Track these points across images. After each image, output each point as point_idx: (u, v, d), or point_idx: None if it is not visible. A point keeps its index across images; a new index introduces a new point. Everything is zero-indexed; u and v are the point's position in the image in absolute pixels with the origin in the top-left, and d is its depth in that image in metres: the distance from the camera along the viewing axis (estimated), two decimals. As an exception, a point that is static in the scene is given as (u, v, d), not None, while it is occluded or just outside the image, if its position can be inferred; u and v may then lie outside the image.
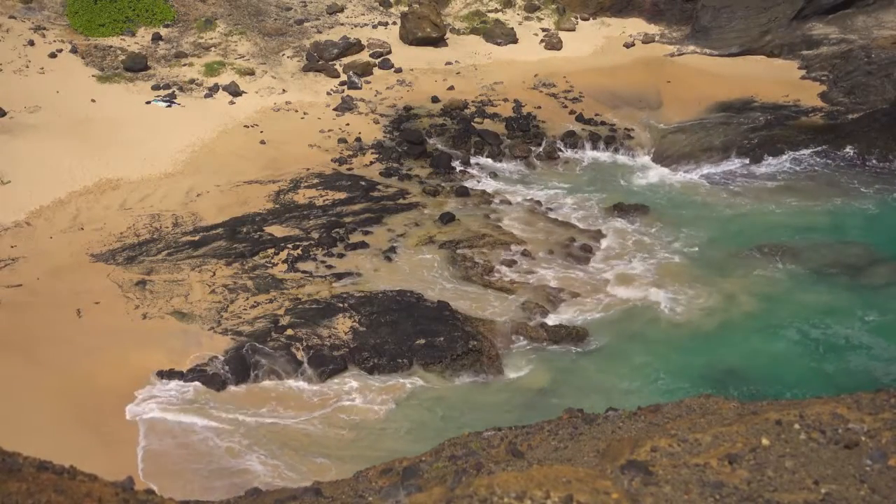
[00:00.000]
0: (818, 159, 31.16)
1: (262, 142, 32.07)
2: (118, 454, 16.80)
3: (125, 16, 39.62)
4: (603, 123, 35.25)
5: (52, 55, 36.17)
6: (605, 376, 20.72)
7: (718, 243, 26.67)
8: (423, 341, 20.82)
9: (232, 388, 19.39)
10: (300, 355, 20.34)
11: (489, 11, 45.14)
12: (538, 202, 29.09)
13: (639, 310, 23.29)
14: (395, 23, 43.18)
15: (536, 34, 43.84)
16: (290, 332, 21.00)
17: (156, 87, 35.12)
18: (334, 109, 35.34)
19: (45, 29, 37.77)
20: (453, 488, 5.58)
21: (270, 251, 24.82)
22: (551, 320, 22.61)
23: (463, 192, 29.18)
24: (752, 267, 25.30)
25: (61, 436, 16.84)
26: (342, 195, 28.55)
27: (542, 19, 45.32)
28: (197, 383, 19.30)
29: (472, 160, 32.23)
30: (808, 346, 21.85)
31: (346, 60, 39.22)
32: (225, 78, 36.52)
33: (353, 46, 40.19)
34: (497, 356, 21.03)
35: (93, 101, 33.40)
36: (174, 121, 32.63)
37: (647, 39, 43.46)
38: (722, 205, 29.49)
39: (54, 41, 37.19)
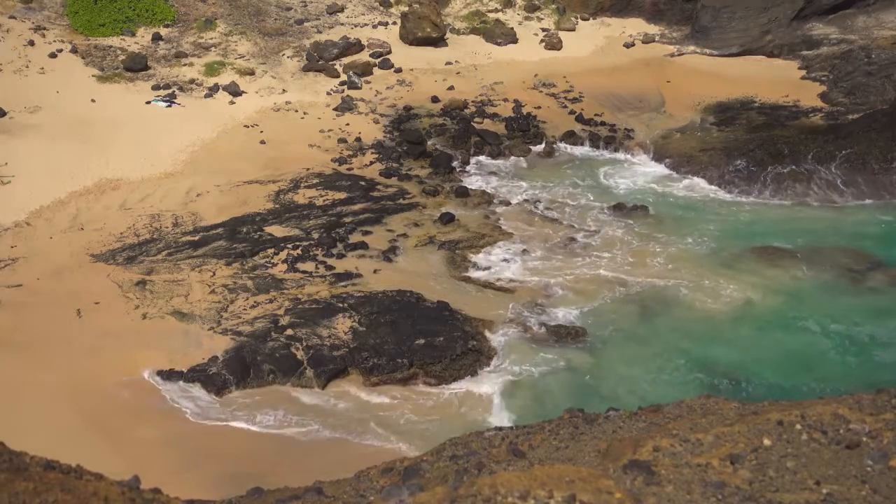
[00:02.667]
0: (818, 160, 31.09)
1: (262, 142, 32.09)
2: (122, 453, 16.80)
3: (125, 16, 39.63)
4: (603, 124, 35.27)
5: (52, 55, 36.17)
6: (606, 375, 20.71)
7: (717, 244, 26.67)
8: (422, 341, 20.81)
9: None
10: (300, 355, 20.33)
11: (489, 11, 45.19)
12: (538, 202, 29.10)
13: (638, 309, 23.28)
14: (395, 23, 43.21)
15: (536, 34, 43.89)
16: (289, 332, 20.99)
17: (156, 87, 35.13)
18: (334, 109, 35.36)
19: (45, 29, 37.77)
20: (456, 487, 5.60)
21: (270, 251, 24.83)
22: (551, 320, 22.62)
23: (463, 192, 29.19)
24: (752, 268, 25.30)
25: (64, 435, 16.85)
26: (342, 195, 28.57)
27: (542, 19, 45.37)
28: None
29: (472, 160, 32.29)
30: (808, 346, 21.84)
31: (346, 60, 39.25)
32: (225, 78, 36.54)
33: (353, 46, 40.22)
34: (497, 356, 21.02)
35: (93, 101, 33.41)
36: (174, 121, 32.64)
37: (647, 39, 43.51)
38: (721, 206, 29.50)
39: (54, 41, 37.19)
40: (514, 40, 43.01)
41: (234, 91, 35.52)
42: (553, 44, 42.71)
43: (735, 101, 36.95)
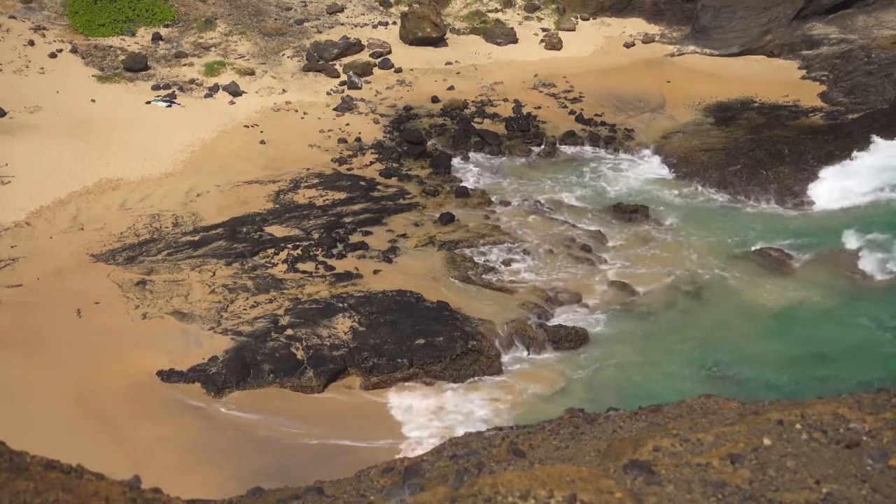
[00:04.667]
0: (818, 160, 31.06)
1: (262, 142, 32.09)
2: (123, 452, 16.81)
3: (125, 16, 39.62)
4: (603, 124, 35.26)
5: (52, 55, 36.16)
6: (606, 376, 20.73)
7: (718, 245, 26.67)
8: (422, 341, 20.82)
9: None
10: (300, 355, 20.34)
11: (489, 11, 45.16)
12: (537, 202, 29.10)
13: (639, 310, 23.29)
14: (395, 23, 43.19)
15: (536, 34, 43.85)
16: (289, 331, 21.01)
17: (156, 87, 35.12)
18: (334, 109, 35.35)
19: (45, 29, 37.76)
20: (457, 487, 5.61)
21: (270, 251, 24.83)
22: (551, 320, 22.62)
23: (463, 193, 29.19)
24: (754, 269, 25.29)
25: (64, 435, 16.85)
26: (342, 195, 28.57)
27: (542, 19, 45.34)
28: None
29: (472, 160, 32.28)
30: (809, 347, 21.86)
31: (346, 60, 39.23)
32: (225, 78, 36.53)
33: (353, 46, 40.20)
34: (497, 356, 21.04)
35: (93, 101, 33.40)
36: (174, 121, 32.63)
37: (648, 39, 43.48)
38: (721, 206, 29.49)
39: (54, 41, 37.18)
40: (514, 40, 42.98)
41: (234, 91, 35.51)
42: (553, 44, 42.69)
43: (735, 101, 36.93)
